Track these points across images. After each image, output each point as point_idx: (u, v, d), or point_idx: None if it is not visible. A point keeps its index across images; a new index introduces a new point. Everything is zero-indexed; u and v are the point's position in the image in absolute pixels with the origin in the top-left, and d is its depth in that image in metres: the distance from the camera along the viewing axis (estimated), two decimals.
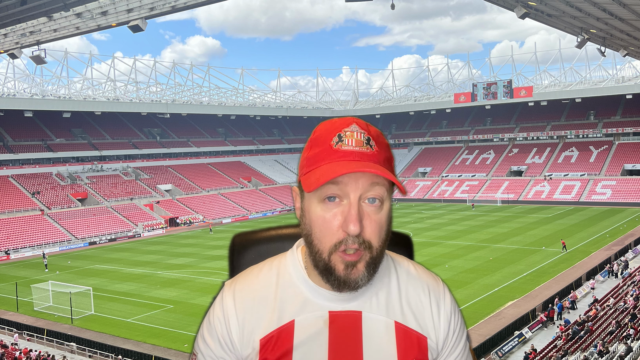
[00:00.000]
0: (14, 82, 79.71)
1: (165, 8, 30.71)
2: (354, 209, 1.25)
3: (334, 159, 1.27)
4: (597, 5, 26.74)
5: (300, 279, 1.39)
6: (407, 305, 1.41)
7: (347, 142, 1.28)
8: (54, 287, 35.51)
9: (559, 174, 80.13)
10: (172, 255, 49.46)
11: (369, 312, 1.37)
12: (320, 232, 1.29)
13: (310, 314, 1.36)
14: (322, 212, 1.28)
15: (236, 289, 1.42)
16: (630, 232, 49.59)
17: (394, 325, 1.38)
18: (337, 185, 1.26)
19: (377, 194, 1.28)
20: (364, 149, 1.28)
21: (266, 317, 1.37)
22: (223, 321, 1.39)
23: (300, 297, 1.37)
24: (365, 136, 1.30)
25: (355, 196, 1.26)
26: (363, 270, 1.30)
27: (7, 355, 25.50)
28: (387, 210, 1.32)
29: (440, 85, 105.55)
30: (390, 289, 1.41)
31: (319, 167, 1.28)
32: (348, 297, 1.36)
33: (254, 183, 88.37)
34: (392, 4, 30.65)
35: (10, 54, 36.10)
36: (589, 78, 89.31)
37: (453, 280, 34.57)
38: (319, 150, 1.30)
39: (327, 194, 1.27)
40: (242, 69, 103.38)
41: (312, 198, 1.30)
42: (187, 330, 28.04)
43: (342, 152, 1.27)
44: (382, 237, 1.31)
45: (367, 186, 1.27)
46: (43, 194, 66.69)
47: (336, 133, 1.30)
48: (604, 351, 21.23)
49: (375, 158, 1.29)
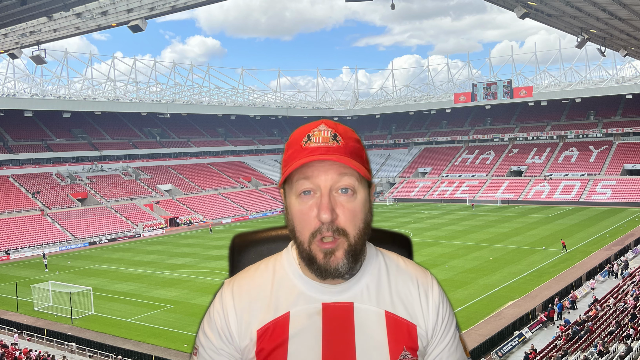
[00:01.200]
0: (14, 82, 79.77)
1: (165, 8, 30.71)
2: (325, 199, 1.36)
3: (302, 156, 1.37)
4: (597, 5, 26.74)
5: (295, 274, 1.48)
6: (397, 296, 1.49)
7: (314, 139, 1.39)
8: (54, 287, 35.51)
9: (559, 174, 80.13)
10: (172, 255, 49.46)
11: (361, 303, 1.45)
12: (300, 224, 1.39)
13: (305, 306, 1.45)
14: (299, 206, 1.39)
15: (234, 286, 1.51)
16: (630, 232, 49.59)
17: (384, 314, 1.46)
18: (309, 180, 1.37)
19: (347, 183, 1.38)
20: (330, 144, 1.38)
21: (263, 310, 1.46)
22: (222, 315, 1.48)
23: (295, 290, 1.46)
24: (332, 133, 1.40)
25: (325, 187, 1.37)
26: (342, 257, 1.38)
27: (7, 355, 25.50)
28: (362, 199, 1.40)
29: (440, 85, 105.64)
30: (380, 281, 1.49)
31: (290, 165, 1.39)
32: (340, 290, 1.45)
33: (254, 183, 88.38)
34: (392, 4, 30.65)
35: (10, 54, 36.10)
36: (589, 78, 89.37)
37: (453, 280, 34.58)
38: (292, 151, 1.41)
39: (302, 188, 1.38)
40: (242, 69, 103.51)
41: (291, 195, 1.41)
42: (187, 330, 28.04)
43: (310, 148, 1.38)
44: (357, 225, 1.39)
45: (336, 177, 1.37)
46: (43, 194, 66.70)
47: (306, 134, 1.41)
48: (604, 351, 21.23)
49: (341, 150, 1.38)
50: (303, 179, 1.37)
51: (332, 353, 1.42)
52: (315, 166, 1.37)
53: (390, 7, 30.77)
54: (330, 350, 1.42)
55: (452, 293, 31.28)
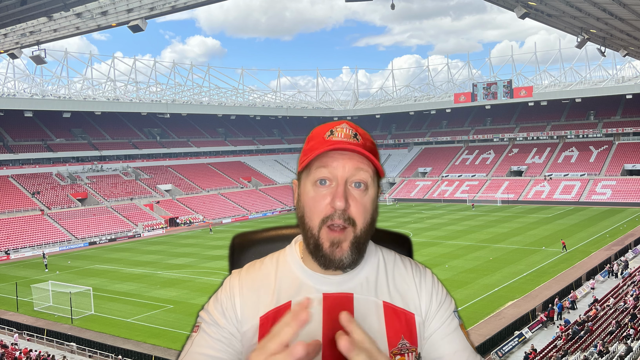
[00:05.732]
0: (14, 82, 79.76)
1: (165, 8, 30.70)
2: (341, 188, 1.43)
3: (325, 146, 1.44)
4: (597, 5, 26.74)
5: (297, 266, 1.55)
6: (394, 287, 1.56)
7: (337, 134, 1.46)
8: (54, 287, 35.51)
9: (559, 174, 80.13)
10: (172, 255, 49.46)
11: (360, 294, 1.52)
12: (311, 211, 1.46)
13: (306, 296, 1.48)
14: (314, 194, 1.46)
15: (242, 274, 1.59)
16: (630, 232, 49.59)
17: (382, 305, 1.53)
18: (327, 169, 1.44)
19: (362, 178, 1.45)
20: (351, 140, 1.45)
21: (266, 299, 1.52)
22: (229, 296, 1.54)
23: (297, 281, 1.53)
24: (353, 132, 1.47)
25: (342, 177, 1.43)
26: (347, 249, 1.44)
27: (7, 355, 25.51)
28: (372, 196, 1.49)
29: (440, 85, 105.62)
30: (378, 273, 1.57)
31: (312, 154, 1.46)
32: (340, 281, 1.51)
33: (254, 183, 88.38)
34: (392, 4, 30.65)
35: (10, 54, 36.09)
36: (589, 78, 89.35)
37: (453, 280, 34.56)
38: (314, 142, 1.48)
39: (319, 176, 1.45)
40: (242, 69, 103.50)
41: (306, 183, 1.48)
42: (187, 330, 27.61)
43: (333, 141, 1.45)
44: (366, 219, 1.46)
45: (352, 170, 1.44)
46: (43, 194, 66.70)
47: (329, 129, 1.49)
48: (604, 351, 21.24)
49: (361, 146, 1.45)
50: (322, 167, 1.44)
51: (332, 342, 1.43)
52: (335, 157, 1.44)
53: (390, 7, 30.76)
54: (331, 339, 1.44)
55: (452, 293, 29.99)
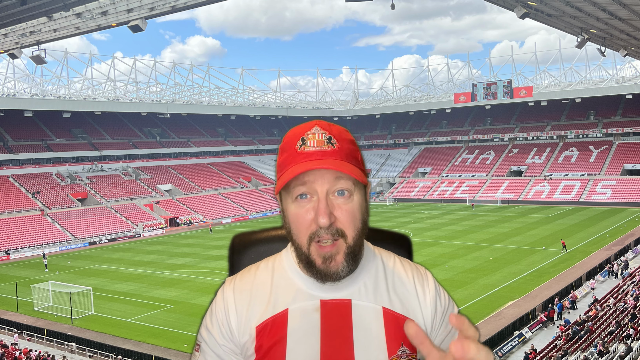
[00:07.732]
0: (14, 82, 79.73)
1: (165, 8, 30.70)
2: (322, 204, 1.36)
3: (298, 161, 1.37)
4: (597, 5, 26.74)
5: (294, 272, 1.49)
6: (394, 292, 1.50)
7: (309, 143, 1.38)
8: (54, 287, 35.51)
9: (559, 174, 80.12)
10: (172, 255, 49.46)
11: (358, 300, 1.47)
12: (297, 228, 1.40)
13: (303, 303, 1.46)
14: (296, 210, 1.40)
15: (236, 282, 1.54)
16: (630, 232, 49.58)
17: (382, 310, 1.47)
18: (305, 185, 1.38)
19: (344, 186, 1.38)
20: (325, 148, 1.38)
21: (262, 306, 1.47)
22: (223, 309, 1.50)
23: (293, 287, 1.48)
24: (326, 136, 1.40)
25: (322, 191, 1.37)
26: (342, 261, 1.40)
27: (7, 355, 25.50)
28: (359, 201, 1.42)
29: (440, 85, 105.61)
30: (377, 278, 1.51)
31: (285, 170, 1.39)
32: (338, 287, 1.45)
33: (254, 183, 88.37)
34: (392, 4, 30.66)
35: (10, 54, 36.10)
36: (589, 78, 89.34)
37: (453, 280, 34.57)
38: (286, 155, 1.41)
39: (298, 193, 1.39)
40: (242, 69, 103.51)
41: (287, 199, 1.42)
42: (187, 330, 28.03)
43: (305, 153, 1.37)
44: (356, 226, 1.40)
45: (332, 180, 1.37)
46: (43, 194, 66.69)
47: (300, 137, 1.40)
48: (604, 351, 21.24)
49: (337, 154, 1.38)
50: (299, 185, 1.38)
51: (330, 349, 1.44)
52: (311, 172, 1.37)
53: (390, 7, 30.78)
54: (329, 346, 1.44)
55: (452, 293, 30.94)
